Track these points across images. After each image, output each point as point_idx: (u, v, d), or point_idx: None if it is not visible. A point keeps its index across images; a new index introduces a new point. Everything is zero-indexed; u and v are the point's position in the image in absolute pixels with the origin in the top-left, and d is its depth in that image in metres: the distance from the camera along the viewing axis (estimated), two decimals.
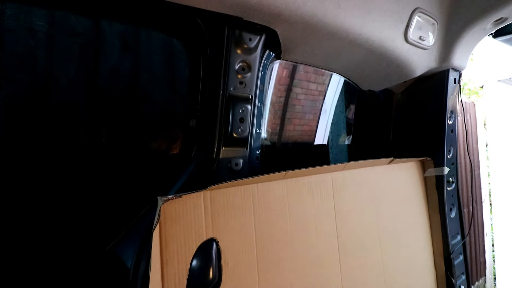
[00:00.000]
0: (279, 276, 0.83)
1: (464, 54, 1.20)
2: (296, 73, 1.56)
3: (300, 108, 1.60)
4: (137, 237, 0.76)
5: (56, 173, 1.01)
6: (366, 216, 1.08)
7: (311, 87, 1.61)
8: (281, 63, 1.43)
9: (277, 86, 1.50)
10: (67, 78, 1.17)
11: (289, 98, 1.54)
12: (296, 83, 1.57)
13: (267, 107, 1.37)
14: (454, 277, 1.27)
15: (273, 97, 1.48)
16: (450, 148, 1.28)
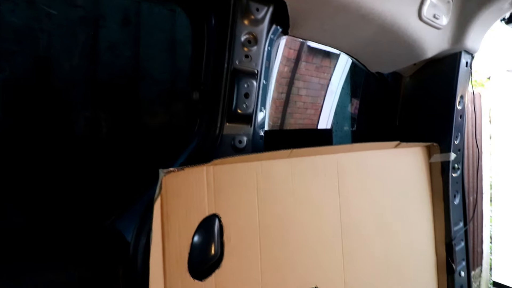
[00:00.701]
0: (281, 255, 0.82)
1: (478, 35, 1.15)
2: (302, 58, 1.52)
3: (305, 91, 1.56)
4: (138, 211, 0.75)
5: (60, 150, 0.99)
6: (369, 198, 1.07)
7: (315, 74, 1.57)
8: (288, 41, 1.39)
9: (281, 68, 1.46)
10: (66, 53, 1.13)
11: (293, 82, 1.50)
12: (302, 66, 1.53)
13: (272, 87, 1.34)
14: (454, 263, 1.26)
15: (278, 79, 1.44)
16: (457, 134, 1.26)
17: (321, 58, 1.63)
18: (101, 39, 1.17)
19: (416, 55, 1.12)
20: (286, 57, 1.47)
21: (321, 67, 1.62)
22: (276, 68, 1.46)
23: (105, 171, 1.05)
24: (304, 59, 1.56)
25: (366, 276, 1.04)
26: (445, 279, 1.29)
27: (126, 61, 1.22)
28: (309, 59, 1.59)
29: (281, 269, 0.82)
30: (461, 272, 1.30)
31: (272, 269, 0.80)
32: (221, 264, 0.71)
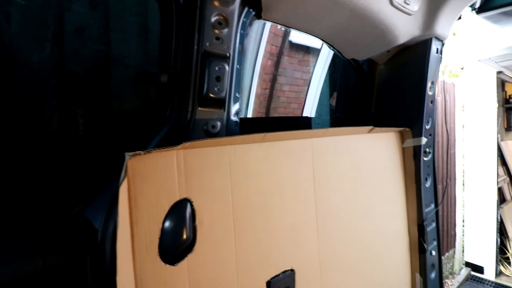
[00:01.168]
0: (256, 238, 0.83)
1: (447, 22, 1.18)
2: (284, 53, 1.51)
3: (288, 87, 1.56)
4: (107, 198, 0.73)
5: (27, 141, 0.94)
6: (344, 183, 1.09)
7: (298, 68, 1.57)
8: (270, 38, 1.37)
9: (265, 62, 1.45)
10: (28, 38, 1.06)
11: (276, 77, 1.49)
12: (284, 61, 1.52)
13: (256, 82, 1.32)
14: (426, 243, 1.33)
15: (261, 75, 1.43)
16: (428, 119, 1.30)
17: (303, 53, 1.63)
18: (67, 22, 1.11)
19: (389, 41, 1.14)
20: (269, 52, 1.46)
21: (303, 61, 1.63)
22: (259, 63, 1.45)
23: (77, 161, 1.00)
24: (286, 54, 1.55)
25: (342, 257, 1.07)
26: (417, 258, 1.35)
27: (95, 46, 1.16)
28: (292, 54, 1.59)
29: (256, 252, 0.83)
30: (432, 251, 1.37)
31: (247, 252, 0.81)
32: (194, 248, 0.71)
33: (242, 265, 0.80)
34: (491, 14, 1.94)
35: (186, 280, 0.70)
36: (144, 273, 0.64)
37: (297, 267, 0.93)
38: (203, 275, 0.72)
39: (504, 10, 1.84)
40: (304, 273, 0.95)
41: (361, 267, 1.14)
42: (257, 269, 0.83)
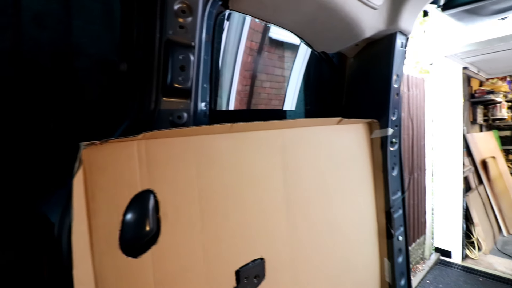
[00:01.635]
0: (224, 228, 0.83)
1: (410, 17, 1.23)
2: (264, 49, 1.51)
3: (269, 84, 1.56)
4: (65, 191, 0.70)
5: None
6: (314, 172, 1.12)
7: (278, 65, 1.57)
8: (250, 34, 1.36)
9: (245, 58, 1.44)
10: None
11: (256, 74, 1.49)
12: (264, 57, 1.51)
13: (236, 79, 1.30)
14: (393, 229, 1.39)
15: (242, 72, 1.42)
16: (394, 110, 1.35)
17: (283, 49, 1.64)
18: (24, 8, 1.04)
19: (356, 35, 1.17)
20: (249, 47, 1.45)
21: (284, 57, 1.63)
22: (240, 59, 1.44)
23: (37, 155, 0.95)
24: (266, 50, 1.55)
25: (312, 245, 1.10)
26: (385, 243, 1.42)
27: (55, 34, 1.10)
28: (272, 50, 1.59)
29: (225, 241, 0.83)
30: (399, 237, 1.44)
31: (216, 242, 0.81)
32: (158, 240, 0.70)
33: (210, 255, 0.80)
34: (455, 12, 2.03)
35: (151, 272, 0.69)
36: (104, 267, 0.63)
37: (267, 256, 0.94)
38: (168, 267, 0.71)
39: (467, 8, 1.94)
40: (274, 261, 0.97)
41: (331, 254, 1.18)
42: (226, 258, 0.84)
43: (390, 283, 1.43)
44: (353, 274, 1.28)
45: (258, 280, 0.91)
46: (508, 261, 3.42)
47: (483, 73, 4.15)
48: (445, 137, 3.37)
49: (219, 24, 1.19)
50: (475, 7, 1.96)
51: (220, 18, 1.06)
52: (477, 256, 3.50)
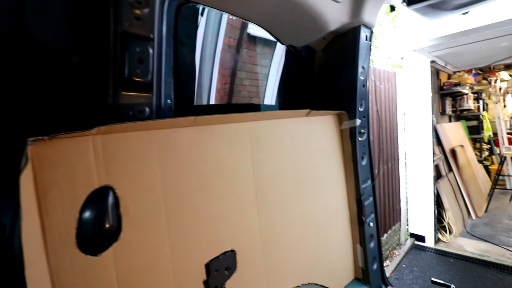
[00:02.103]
0: (191, 222, 0.83)
1: (373, 10, 1.27)
2: (243, 46, 1.49)
3: (248, 82, 1.56)
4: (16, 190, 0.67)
5: None
6: (284, 164, 1.13)
7: (257, 62, 1.57)
8: (228, 30, 1.34)
9: (223, 56, 1.42)
10: None
11: (236, 72, 1.48)
12: (244, 54, 1.50)
13: (216, 77, 1.28)
14: (364, 216, 1.44)
15: (221, 71, 1.40)
16: (361, 102, 1.40)
17: (262, 45, 1.64)
18: None
19: (321, 28, 1.19)
20: (227, 44, 1.43)
21: (262, 54, 1.63)
22: (218, 57, 1.42)
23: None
24: (245, 47, 1.54)
25: (284, 235, 1.12)
26: (357, 230, 1.47)
27: (6, 28, 1.04)
28: (250, 47, 1.58)
29: (193, 235, 0.83)
30: (370, 223, 1.50)
31: (183, 236, 0.80)
32: (120, 236, 0.69)
33: (178, 250, 0.79)
34: (419, 7, 2.11)
35: (113, 269, 0.67)
36: (61, 266, 0.61)
37: (238, 248, 0.95)
38: (132, 263, 0.70)
39: (430, 3, 2.02)
40: (246, 253, 0.98)
41: (304, 243, 1.21)
42: (195, 252, 0.83)
43: (363, 267, 1.48)
44: (327, 261, 1.32)
45: (229, 272, 0.92)
46: (476, 242, 3.66)
47: (450, 66, 4.38)
48: (416, 128, 3.53)
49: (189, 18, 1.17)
50: (438, 2, 2.05)
51: (190, 11, 1.04)
52: (449, 239, 3.71)
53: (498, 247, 3.49)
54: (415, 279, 2.95)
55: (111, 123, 0.75)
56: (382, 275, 1.59)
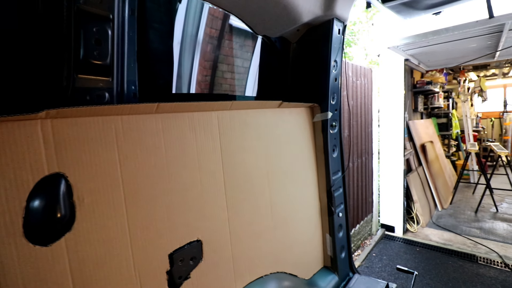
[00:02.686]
0: (154, 212, 0.81)
1: (346, 4, 1.29)
2: (225, 37, 1.44)
3: (230, 75, 1.51)
4: None
5: None
6: (254, 154, 1.14)
7: (239, 55, 1.52)
8: (209, 20, 1.28)
9: (204, 47, 1.37)
10: None
11: (217, 65, 1.43)
12: (225, 46, 1.45)
13: (196, 69, 1.23)
14: (333, 206, 1.49)
15: (201, 62, 1.35)
16: (334, 95, 1.42)
17: (244, 37, 1.59)
18: None
19: (294, 19, 1.19)
20: (208, 35, 1.38)
21: (244, 46, 1.59)
22: (199, 48, 1.37)
23: None
24: (227, 38, 1.49)
25: (254, 224, 1.13)
26: (327, 220, 1.52)
27: None
28: (231, 38, 1.53)
29: (155, 226, 0.81)
30: (339, 213, 1.55)
31: (144, 226, 0.79)
32: (73, 226, 0.66)
33: (139, 240, 0.77)
34: (393, 5, 2.15)
35: (65, 260, 0.64)
36: (7, 257, 0.57)
37: (205, 238, 0.95)
38: (88, 254, 0.68)
39: (404, 1, 2.08)
40: (213, 242, 0.97)
41: (273, 233, 1.22)
42: (157, 243, 0.82)
43: (332, 256, 1.54)
44: (296, 250, 1.36)
45: (194, 262, 0.91)
46: (441, 232, 3.91)
47: (423, 65, 4.57)
48: (389, 124, 3.67)
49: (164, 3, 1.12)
50: (411, 1, 2.11)
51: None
52: (416, 229, 3.94)
53: (460, 236, 3.75)
54: (384, 267, 3.11)
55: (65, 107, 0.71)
56: (350, 263, 1.66)
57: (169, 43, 1.16)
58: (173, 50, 1.19)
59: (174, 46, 1.17)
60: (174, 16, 1.16)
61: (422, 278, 2.89)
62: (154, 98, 1.04)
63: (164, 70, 1.16)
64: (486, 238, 3.66)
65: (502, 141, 8.14)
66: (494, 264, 3.11)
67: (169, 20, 1.15)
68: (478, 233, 3.82)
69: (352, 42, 5.41)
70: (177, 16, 1.17)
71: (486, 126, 8.62)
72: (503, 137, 8.08)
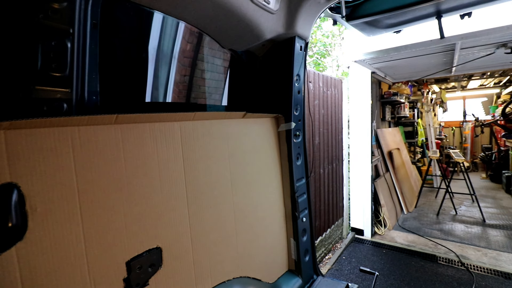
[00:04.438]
0: (111, 221, 0.83)
1: (306, 24, 1.39)
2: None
3: (209, 74, 1.54)
4: None
5: None
6: (218, 163, 1.18)
7: (218, 55, 1.56)
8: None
9: (184, 46, 1.39)
10: None
11: (196, 63, 1.46)
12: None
13: (174, 71, 1.25)
14: (297, 212, 1.57)
15: (179, 69, 1.37)
16: (297, 106, 1.52)
17: (210, 49, 1.63)
18: None
19: (257, 35, 1.27)
20: (175, 47, 1.41)
21: (211, 58, 1.63)
22: (178, 48, 1.39)
23: None
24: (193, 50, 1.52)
25: (216, 231, 1.16)
26: (291, 225, 1.59)
27: None
28: (198, 50, 1.57)
29: (112, 234, 0.83)
30: (303, 218, 1.63)
31: (101, 235, 0.80)
32: (25, 235, 0.66)
33: (94, 249, 0.79)
34: (357, 23, 2.32)
35: (16, 269, 0.65)
36: None
37: (165, 245, 0.97)
38: (40, 263, 0.69)
39: (366, 20, 2.25)
40: (174, 249, 1.00)
41: (237, 238, 1.27)
42: (114, 251, 0.83)
43: (296, 259, 1.61)
44: (260, 255, 1.41)
45: (153, 269, 0.93)
46: (406, 234, 4.15)
47: (389, 78, 4.89)
48: (358, 132, 3.88)
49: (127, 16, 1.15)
50: (372, 20, 2.29)
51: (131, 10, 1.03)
52: (383, 232, 4.15)
53: (423, 238, 4.01)
54: (352, 269, 3.25)
55: (23, 118, 0.72)
56: (314, 265, 1.74)
57: (134, 55, 1.19)
58: (139, 61, 1.22)
59: (140, 58, 1.20)
60: (139, 29, 1.20)
61: (387, 279, 3.05)
62: (117, 108, 1.06)
63: (128, 81, 1.18)
64: (445, 239, 3.93)
65: (462, 148, 8.83)
66: (452, 263, 3.35)
67: (135, 32, 1.18)
68: (439, 234, 4.10)
69: (326, 54, 5.68)
70: (143, 29, 1.20)
71: (448, 134, 9.30)
72: (463, 145, 8.76)
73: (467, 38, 2.66)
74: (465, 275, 3.10)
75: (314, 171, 3.11)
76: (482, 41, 2.95)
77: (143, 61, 1.23)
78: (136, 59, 1.21)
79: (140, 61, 1.22)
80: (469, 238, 3.95)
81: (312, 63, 5.64)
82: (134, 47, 1.18)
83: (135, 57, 1.21)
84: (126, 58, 1.17)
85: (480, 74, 6.23)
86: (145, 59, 1.23)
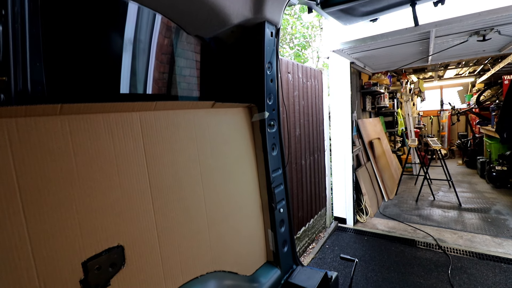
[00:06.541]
0: (63, 220, 0.76)
1: (275, 8, 1.34)
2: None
3: (189, 71, 1.46)
4: None
5: None
6: (185, 155, 1.13)
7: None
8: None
9: (161, 41, 1.30)
10: None
11: (174, 59, 1.37)
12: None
13: (152, 66, 1.17)
14: (274, 203, 1.54)
15: (157, 66, 1.28)
16: (270, 95, 1.48)
17: (176, 36, 1.54)
18: None
19: (223, 20, 1.21)
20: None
21: (177, 45, 1.55)
22: (155, 41, 1.30)
23: None
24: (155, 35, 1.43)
25: (186, 225, 1.12)
26: (268, 216, 1.57)
27: None
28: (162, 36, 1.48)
29: (64, 234, 0.76)
30: (280, 209, 1.61)
31: (50, 236, 0.74)
32: None
33: (43, 251, 0.72)
34: (332, 11, 2.29)
35: None
36: None
37: (127, 243, 0.92)
38: None
39: (341, 8, 2.22)
40: (138, 246, 0.95)
41: (211, 231, 1.23)
42: (67, 251, 0.77)
43: (274, 251, 1.59)
44: (237, 247, 1.38)
45: (115, 268, 0.88)
46: (386, 221, 4.27)
47: (369, 68, 4.94)
48: (339, 123, 3.91)
49: None
50: (348, 8, 2.26)
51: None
52: (365, 219, 4.25)
53: (403, 223, 4.14)
54: (335, 257, 3.31)
55: None
56: (294, 256, 1.73)
57: (88, 41, 1.10)
58: (94, 48, 1.13)
59: (94, 44, 1.12)
60: (93, 13, 1.11)
61: (368, 265, 3.13)
62: (70, 98, 0.98)
63: (82, 69, 1.10)
64: (424, 224, 4.08)
65: (440, 137, 9.16)
66: (430, 247, 3.48)
67: (88, 17, 1.09)
68: (418, 219, 4.24)
69: (307, 45, 5.67)
70: (97, 12, 1.12)
71: (427, 123, 9.62)
72: (441, 133, 9.09)
73: (440, 25, 2.70)
74: (442, 257, 3.23)
75: (296, 162, 3.11)
76: (455, 29, 3.01)
77: (99, 48, 1.14)
78: (91, 46, 1.13)
79: (96, 48, 1.13)
80: (446, 222, 4.11)
81: (293, 54, 5.62)
82: (87, 32, 1.09)
83: (90, 44, 1.12)
84: (78, 44, 1.08)
85: (456, 63, 6.44)
86: (102, 45, 1.14)
